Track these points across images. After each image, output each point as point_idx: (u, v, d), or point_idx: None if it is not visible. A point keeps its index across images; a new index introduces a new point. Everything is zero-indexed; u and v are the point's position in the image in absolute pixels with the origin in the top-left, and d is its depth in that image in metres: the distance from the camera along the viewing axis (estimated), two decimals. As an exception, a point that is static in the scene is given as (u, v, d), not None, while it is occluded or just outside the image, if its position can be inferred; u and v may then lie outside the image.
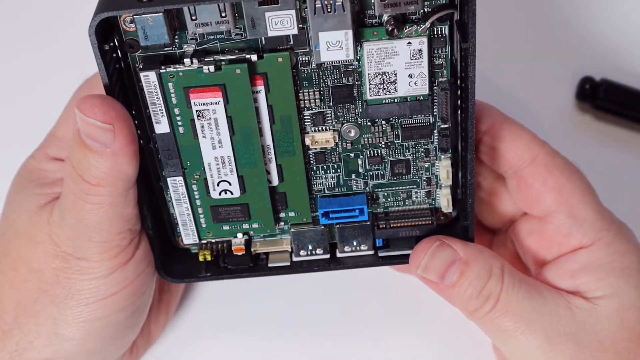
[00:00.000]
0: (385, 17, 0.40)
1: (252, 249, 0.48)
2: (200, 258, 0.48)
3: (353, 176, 0.46)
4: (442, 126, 0.44)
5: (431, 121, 0.44)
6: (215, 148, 0.43)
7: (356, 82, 0.43)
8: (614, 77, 0.57)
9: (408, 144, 0.45)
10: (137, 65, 0.41)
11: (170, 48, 0.41)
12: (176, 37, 0.41)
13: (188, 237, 0.47)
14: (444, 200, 0.47)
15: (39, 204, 0.45)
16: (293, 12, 0.39)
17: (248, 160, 0.44)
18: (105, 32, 0.40)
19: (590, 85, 0.58)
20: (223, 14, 0.39)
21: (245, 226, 0.47)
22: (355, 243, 0.47)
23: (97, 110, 0.39)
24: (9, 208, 0.46)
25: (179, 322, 0.54)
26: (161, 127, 0.43)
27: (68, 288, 0.44)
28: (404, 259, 0.47)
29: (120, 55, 0.41)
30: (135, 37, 0.40)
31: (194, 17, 0.39)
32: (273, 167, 0.45)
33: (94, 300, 0.44)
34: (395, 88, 0.42)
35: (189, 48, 0.41)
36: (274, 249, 0.48)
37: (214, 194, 0.45)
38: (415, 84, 0.42)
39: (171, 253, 0.48)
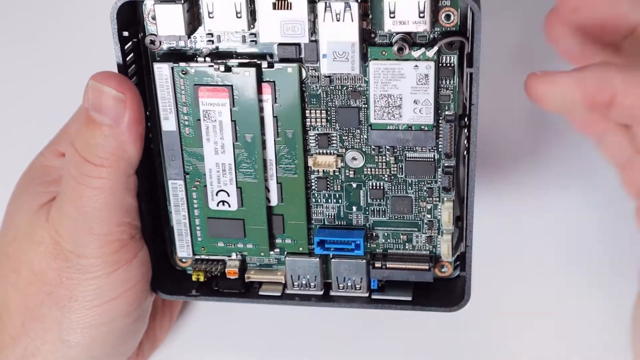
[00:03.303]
0: (395, 38, 0.41)
1: (246, 275, 0.47)
2: (194, 277, 0.47)
3: (354, 209, 0.46)
4: (446, 164, 0.44)
5: (435, 158, 0.44)
6: (218, 153, 0.44)
7: (363, 106, 0.43)
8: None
9: (411, 181, 0.44)
10: (155, 60, 0.43)
11: (185, 44, 0.43)
12: (193, 37, 0.43)
13: (182, 249, 0.47)
14: (445, 247, 0.45)
15: (40, 202, 0.45)
16: (305, 19, 0.41)
17: (248, 172, 0.44)
18: (128, 29, 0.42)
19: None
20: (239, 14, 0.41)
21: (240, 245, 0.46)
22: (349, 282, 0.46)
23: (111, 80, 0.41)
24: (11, 208, 0.47)
25: (184, 324, 0.54)
26: (168, 124, 0.44)
27: (71, 289, 0.44)
28: (397, 304, 0.46)
29: (141, 51, 0.43)
30: (156, 32, 0.43)
31: (211, 14, 0.41)
32: (273, 185, 0.45)
33: (98, 304, 0.44)
34: (400, 113, 0.42)
35: (204, 47, 0.43)
36: (268, 278, 0.47)
37: (212, 204, 0.45)
38: (420, 111, 0.42)
39: (166, 268, 0.48)
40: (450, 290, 0.46)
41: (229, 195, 0.45)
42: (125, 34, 0.42)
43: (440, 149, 0.43)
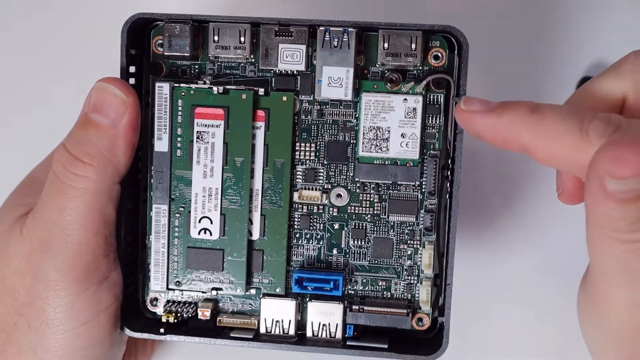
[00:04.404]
0: (386, 73, 0.44)
1: (218, 319, 0.46)
2: (163, 319, 0.46)
3: (335, 251, 0.46)
4: (430, 203, 0.44)
5: (419, 198, 0.45)
6: (206, 177, 0.44)
7: (351, 141, 0.45)
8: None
9: (394, 222, 0.45)
10: (155, 80, 0.45)
11: (188, 66, 0.45)
12: (197, 62, 0.45)
13: (157, 281, 0.46)
14: (424, 293, 0.45)
15: (16, 215, 0.44)
16: (304, 47, 0.44)
17: (234, 198, 0.45)
18: (135, 56, 0.45)
19: (590, 85, 0.55)
20: (242, 40, 0.44)
21: (217, 279, 0.45)
22: (325, 327, 0.45)
23: (118, 83, 0.43)
24: None
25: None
26: (161, 144, 0.45)
27: (42, 310, 0.43)
28: (373, 351, 0.44)
29: (142, 74, 0.46)
30: (161, 59, 0.45)
31: (216, 39, 0.44)
32: (256, 217, 0.45)
33: (70, 328, 0.43)
34: (387, 147, 0.44)
35: (206, 70, 0.45)
36: (240, 324, 0.46)
37: (194, 232, 0.45)
38: (407, 145, 0.44)
39: (135, 312, 0.47)
40: (427, 338, 0.45)
41: (211, 223, 0.45)
42: (133, 52, 0.44)
43: (424, 189, 0.44)
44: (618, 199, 0.33)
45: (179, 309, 0.46)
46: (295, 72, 0.44)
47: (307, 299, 0.45)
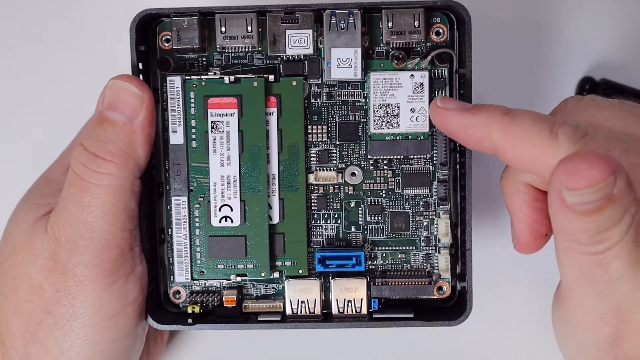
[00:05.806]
0: (391, 51, 0.45)
1: (244, 305, 0.47)
2: (189, 310, 0.46)
3: (353, 229, 0.47)
4: (442, 174, 0.46)
5: (431, 170, 0.46)
6: (224, 165, 0.45)
7: (362, 120, 0.46)
8: (614, 77, 0.56)
9: (408, 194, 0.46)
10: (165, 82, 0.46)
11: (197, 58, 0.46)
12: (205, 55, 0.46)
13: (181, 272, 0.46)
14: (442, 261, 0.46)
15: (38, 214, 0.45)
16: (310, 31, 0.45)
17: (252, 184, 0.45)
18: (142, 53, 0.45)
19: (590, 85, 0.56)
20: (249, 29, 0.45)
21: (240, 266, 0.46)
22: (350, 303, 0.46)
23: (132, 79, 0.43)
24: (9, 223, 0.46)
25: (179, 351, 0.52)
26: (176, 137, 0.45)
27: (70, 305, 0.43)
28: (398, 321, 0.45)
29: (149, 70, 0.46)
30: (169, 54, 0.46)
31: (223, 30, 0.45)
32: (275, 201, 0.46)
33: (98, 321, 0.43)
34: (397, 122, 0.45)
35: (215, 61, 0.46)
36: (266, 308, 0.47)
37: (214, 221, 0.46)
38: (416, 119, 0.45)
39: (158, 301, 0.47)
40: (451, 305, 0.46)
41: (232, 210, 0.46)
42: (142, 48, 0.45)
43: (435, 161, 0.46)
44: (577, 211, 0.35)
45: (203, 299, 0.46)
46: (302, 57, 0.46)
47: (330, 277, 0.46)
